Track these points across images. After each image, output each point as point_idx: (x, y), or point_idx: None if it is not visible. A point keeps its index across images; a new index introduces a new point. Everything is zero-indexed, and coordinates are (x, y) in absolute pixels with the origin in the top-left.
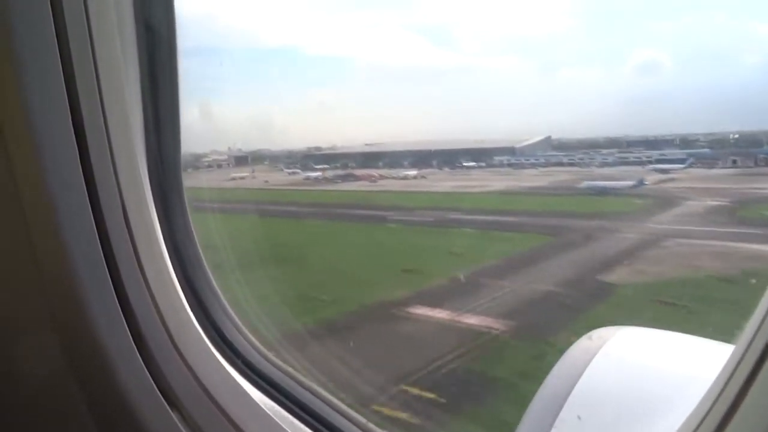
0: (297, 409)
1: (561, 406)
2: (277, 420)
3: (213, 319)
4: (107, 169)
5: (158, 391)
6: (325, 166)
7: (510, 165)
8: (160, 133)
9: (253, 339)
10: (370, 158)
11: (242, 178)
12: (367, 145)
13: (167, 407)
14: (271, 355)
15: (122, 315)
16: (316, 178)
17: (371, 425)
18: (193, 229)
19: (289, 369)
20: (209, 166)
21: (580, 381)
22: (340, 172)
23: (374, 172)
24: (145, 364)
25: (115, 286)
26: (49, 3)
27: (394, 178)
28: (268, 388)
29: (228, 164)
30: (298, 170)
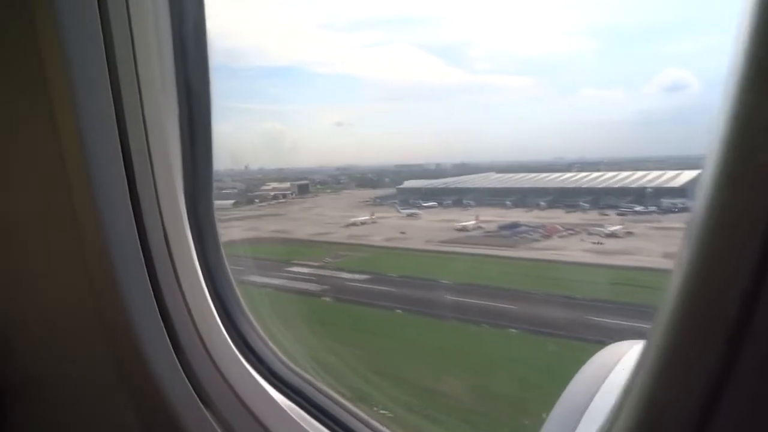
0: (313, 410)
1: (578, 422)
2: (296, 418)
3: (240, 330)
4: (151, 199)
5: (194, 393)
6: (434, 203)
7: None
8: (195, 164)
9: (275, 349)
10: (490, 194)
11: (363, 223)
12: (398, 165)
13: (202, 407)
14: (291, 363)
15: (163, 328)
16: (466, 228)
17: (382, 427)
18: (223, 254)
19: (307, 375)
20: (275, 197)
21: (597, 396)
22: (489, 217)
23: (556, 223)
24: (182, 369)
25: (158, 302)
26: (103, 48)
27: (595, 233)
28: (288, 391)
29: (292, 193)
30: (415, 210)
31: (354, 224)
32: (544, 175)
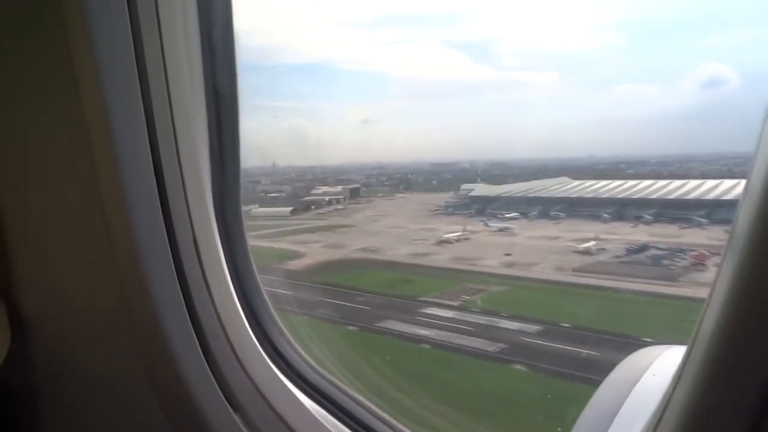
0: (342, 414)
1: (608, 427)
2: (324, 423)
3: (269, 336)
4: (181, 202)
5: (223, 397)
6: (516, 213)
7: None
8: (224, 167)
9: (303, 353)
10: (576, 204)
11: (457, 239)
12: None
13: (231, 411)
14: (319, 368)
15: (192, 331)
16: (589, 251)
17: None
18: (251, 257)
19: (335, 380)
20: (329, 203)
21: (627, 401)
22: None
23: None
24: (212, 373)
25: (187, 306)
26: (134, 57)
27: None
28: (316, 395)
29: (344, 198)
30: (505, 223)
31: (447, 241)
32: (631, 183)
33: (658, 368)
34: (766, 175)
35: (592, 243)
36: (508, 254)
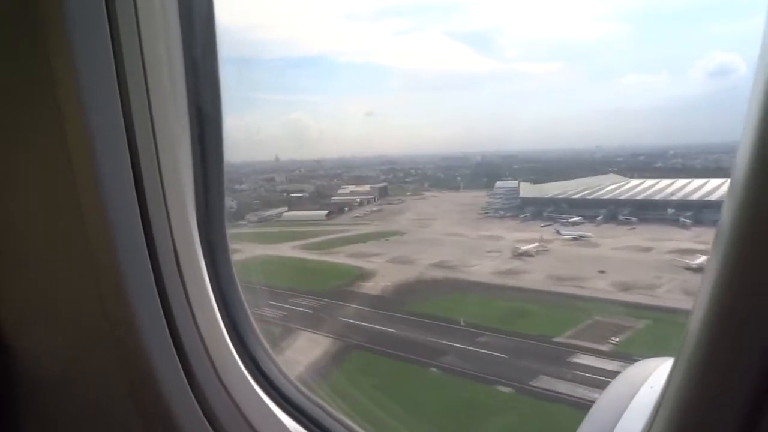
0: None
1: None
2: None
3: (252, 354)
4: (162, 218)
5: (204, 417)
6: (578, 218)
7: None
8: (207, 183)
9: (288, 374)
10: (644, 207)
11: (537, 251)
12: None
13: (211, 430)
14: (304, 388)
15: (175, 352)
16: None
17: None
18: (236, 275)
19: (320, 400)
20: (361, 204)
21: (626, 414)
22: None
23: None
24: (193, 393)
25: (170, 328)
26: (113, 65)
27: None
28: (299, 416)
29: (374, 198)
30: (579, 231)
31: (527, 254)
32: (698, 182)
33: (655, 380)
34: (748, 175)
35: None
36: (602, 271)
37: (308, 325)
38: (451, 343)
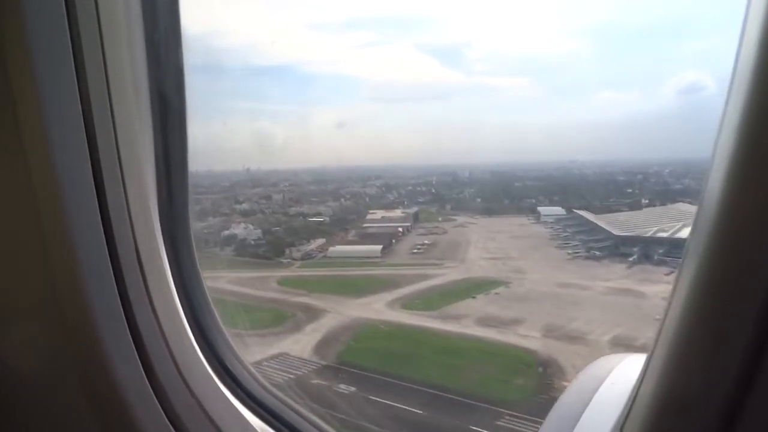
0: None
1: None
2: None
3: (216, 351)
4: (124, 221)
5: (164, 415)
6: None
7: None
8: (170, 182)
9: (253, 370)
10: None
11: None
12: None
13: (171, 428)
14: (268, 385)
15: (134, 348)
16: None
17: None
18: (200, 271)
19: (285, 397)
20: (403, 234)
21: (588, 409)
22: None
23: None
24: (153, 390)
25: (129, 325)
26: (72, 61)
27: None
28: (263, 413)
29: (410, 225)
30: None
31: None
32: None
33: (617, 376)
34: (722, 179)
35: None
36: None
37: None
38: None
